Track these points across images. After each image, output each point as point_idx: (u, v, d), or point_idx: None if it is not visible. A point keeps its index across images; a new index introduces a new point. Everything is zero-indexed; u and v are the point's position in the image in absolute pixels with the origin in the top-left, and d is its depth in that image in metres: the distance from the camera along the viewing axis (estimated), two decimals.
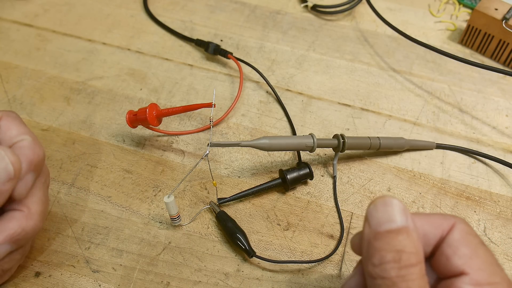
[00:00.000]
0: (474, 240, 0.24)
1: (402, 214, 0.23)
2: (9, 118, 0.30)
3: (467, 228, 0.24)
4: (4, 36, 0.55)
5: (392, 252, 0.22)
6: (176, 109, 0.43)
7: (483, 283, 0.22)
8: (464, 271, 0.23)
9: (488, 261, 0.23)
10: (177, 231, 0.40)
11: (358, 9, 0.60)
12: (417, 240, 0.23)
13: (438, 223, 0.25)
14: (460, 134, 0.48)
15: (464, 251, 0.23)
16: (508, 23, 0.51)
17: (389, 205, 0.24)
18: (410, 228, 0.23)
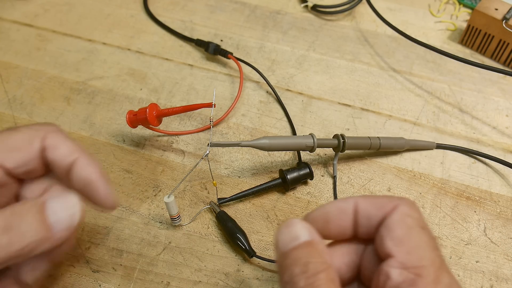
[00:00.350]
0: (411, 222, 0.24)
1: (305, 231, 0.24)
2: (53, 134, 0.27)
3: (409, 210, 0.24)
4: (4, 36, 0.55)
5: (299, 266, 0.23)
6: (176, 109, 0.43)
7: (409, 266, 0.22)
8: (392, 253, 0.23)
9: (419, 245, 0.23)
10: (177, 231, 0.40)
11: (358, 9, 0.60)
12: (323, 249, 0.24)
13: (381, 205, 0.25)
14: (460, 134, 0.48)
15: (397, 233, 0.23)
16: (508, 23, 0.51)
17: (291, 225, 0.24)
18: (314, 241, 0.24)
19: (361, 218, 0.25)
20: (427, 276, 0.22)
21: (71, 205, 0.25)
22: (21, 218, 0.23)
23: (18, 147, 0.25)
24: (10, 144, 0.25)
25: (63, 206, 0.24)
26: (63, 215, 0.24)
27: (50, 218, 0.23)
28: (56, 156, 0.26)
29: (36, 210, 0.23)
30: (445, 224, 0.41)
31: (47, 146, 0.26)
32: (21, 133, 0.26)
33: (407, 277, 0.22)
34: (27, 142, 0.26)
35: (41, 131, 0.26)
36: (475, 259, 0.39)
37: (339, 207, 0.25)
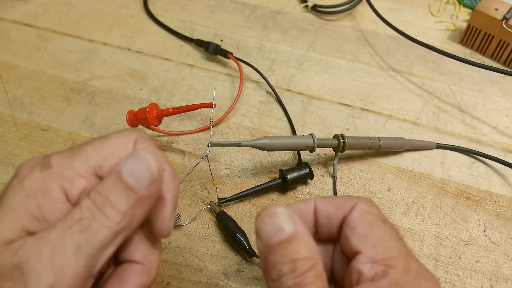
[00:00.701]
0: (372, 218, 0.24)
1: (289, 221, 0.23)
2: (144, 140, 0.25)
3: (367, 207, 0.24)
4: (4, 36, 0.55)
5: (287, 264, 0.22)
6: (176, 109, 0.43)
7: (378, 259, 0.22)
8: (359, 250, 0.23)
9: (384, 238, 0.23)
10: (177, 231, 0.40)
11: (358, 9, 0.60)
12: (309, 240, 0.23)
13: (340, 204, 0.25)
14: (460, 134, 0.48)
15: (360, 230, 0.24)
16: (508, 23, 0.51)
17: (274, 215, 0.23)
18: (299, 232, 0.23)
19: (321, 219, 0.25)
20: (397, 266, 0.22)
21: (142, 158, 0.23)
22: (107, 194, 0.22)
23: (113, 152, 0.24)
24: (104, 151, 0.24)
25: (135, 163, 0.23)
26: (140, 171, 0.23)
27: (129, 181, 0.22)
28: None
29: (114, 179, 0.22)
30: (445, 224, 0.41)
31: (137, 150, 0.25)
32: (114, 139, 0.24)
33: (378, 269, 0.22)
34: (122, 147, 0.24)
35: (133, 135, 0.25)
36: (475, 259, 0.39)
37: (299, 209, 0.25)
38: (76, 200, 0.23)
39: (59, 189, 0.22)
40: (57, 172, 0.22)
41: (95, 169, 0.23)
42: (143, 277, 0.25)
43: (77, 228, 0.21)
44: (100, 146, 0.24)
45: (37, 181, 0.22)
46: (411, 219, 0.41)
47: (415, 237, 0.40)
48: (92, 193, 0.22)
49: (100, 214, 0.22)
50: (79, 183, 0.23)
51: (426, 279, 0.23)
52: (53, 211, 0.22)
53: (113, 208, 0.22)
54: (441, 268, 0.39)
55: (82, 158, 0.23)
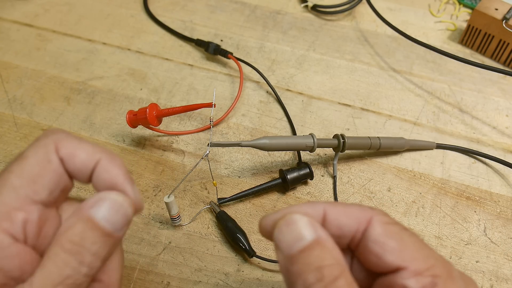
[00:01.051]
0: (396, 229, 0.23)
1: (309, 228, 0.22)
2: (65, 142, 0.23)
3: (386, 218, 0.23)
4: (4, 36, 0.55)
5: (313, 272, 0.20)
6: (176, 109, 0.43)
7: (423, 270, 0.21)
8: (400, 266, 0.22)
9: (417, 247, 0.22)
10: (177, 231, 0.40)
11: (358, 9, 0.60)
12: (334, 247, 0.22)
13: (354, 215, 0.23)
14: (460, 134, 0.48)
15: (392, 244, 0.22)
16: (508, 23, 0.51)
17: (292, 223, 0.22)
18: (322, 238, 0.22)
19: (331, 228, 0.23)
20: (442, 274, 0.21)
21: (118, 204, 0.23)
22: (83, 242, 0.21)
23: (37, 173, 0.22)
24: (27, 174, 0.22)
25: (111, 210, 0.22)
26: (116, 217, 0.22)
27: (107, 227, 0.22)
28: (76, 165, 0.23)
29: (90, 227, 0.22)
30: (445, 224, 0.41)
31: (63, 157, 0.23)
32: (31, 157, 0.22)
33: (425, 281, 0.21)
34: (45, 163, 0.22)
35: (49, 144, 0.23)
36: (475, 259, 0.39)
37: (305, 213, 0.23)
38: (22, 234, 0.22)
39: (0, 233, 0.21)
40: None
41: (29, 197, 0.22)
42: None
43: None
44: (21, 171, 0.22)
45: None
46: (411, 219, 0.41)
47: None
48: (65, 242, 0.21)
49: (82, 267, 0.21)
50: (18, 217, 0.21)
51: (468, 284, 0.22)
52: (2, 257, 0.21)
53: (93, 257, 0.21)
54: None
55: (10, 190, 0.22)
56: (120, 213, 0.22)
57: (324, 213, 0.23)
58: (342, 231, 0.23)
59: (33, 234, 0.22)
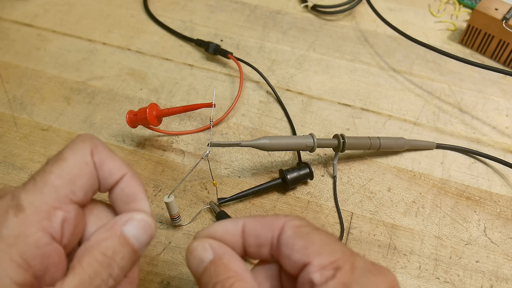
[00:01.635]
0: (305, 230, 0.24)
1: (206, 251, 0.24)
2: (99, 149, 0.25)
3: (298, 222, 0.25)
4: (4, 36, 0.55)
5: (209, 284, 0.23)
6: (176, 109, 0.43)
7: (326, 264, 0.22)
8: (305, 262, 0.23)
9: (324, 242, 0.23)
10: (177, 231, 0.40)
11: (358, 9, 0.60)
12: (229, 262, 0.24)
13: (269, 224, 0.25)
14: (460, 134, 0.48)
15: (299, 243, 0.23)
16: (508, 23, 0.51)
17: (193, 250, 0.25)
18: (217, 257, 0.24)
19: (249, 238, 0.25)
20: (344, 266, 0.22)
21: (147, 225, 0.25)
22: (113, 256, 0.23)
23: (76, 174, 0.23)
24: (67, 175, 0.23)
25: (140, 229, 0.25)
26: (143, 237, 0.25)
27: (136, 245, 0.24)
28: (105, 173, 0.25)
29: (121, 243, 0.24)
30: (445, 224, 0.41)
31: (96, 162, 0.24)
32: (70, 158, 0.24)
33: (328, 274, 0.22)
34: (83, 165, 0.24)
35: (86, 147, 0.24)
36: (475, 259, 0.39)
37: (226, 229, 0.25)
38: (60, 233, 0.23)
39: (40, 231, 0.22)
40: (32, 214, 0.22)
41: (68, 197, 0.23)
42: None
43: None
44: (61, 171, 0.23)
45: (15, 227, 0.21)
46: (411, 219, 0.41)
47: (415, 237, 0.40)
48: (98, 254, 0.23)
49: (110, 279, 0.23)
50: (57, 216, 0.23)
51: (374, 274, 0.23)
52: (36, 255, 0.22)
53: (120, 270, 0.24)
54: (441, 268, 0.39)
55: (51, 189, 0.23)
56: (148, 233, 0.25)
57: (242, 226, 0.25)
58: (260, 240, 0.25)
59: (69, 234, 0.23)
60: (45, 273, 0.22)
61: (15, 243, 0.21)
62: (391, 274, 0.23)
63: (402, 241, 0.40)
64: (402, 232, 0.41)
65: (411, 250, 0.40)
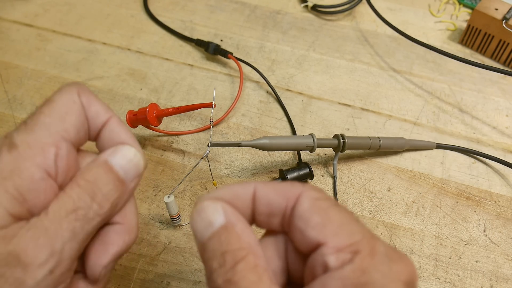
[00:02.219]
0: (324, 204, 0.22)
1: (217, 214, 0.22)
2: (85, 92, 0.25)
3: (316, 194, 0.22)
4: (4, 36, 0.55)
5: (217, 258, 0.21)
6: (176, 109, 0.43)
7: (343, 247, 0.20)
8: (320, 242, 0.20)
9: (344, 222, 0.21)
10: (177, 231, 0.40)
11: (358, 9, 0.60)
12: (243, 231, 0.21)
13: (284, 192, 0.22)
14: (460, 134, 0.48)
15: (316, 219, 0.21)
16: (508, 23, 0.51)
17: (202, 210, 0.22)
18: (230, 223, 0.21)
19: (260, 205, 0.23)
20: (363, 250, 0.20)
21: (132, 155, 0.25)
22: (97, 183, 0.23)
23: (65, 111, 0.24)
24: (56, 113, 0.24)
25: (125, 158, 0.24)
26: (129, 166, 0.24)
27: (120, 173, 0.24)
28: (92, 113, 0.25)
29: (105, 170, 0.24)
30: (445, 224, 0.41)
31: (83, 102, 0.25)
32: (59, 100, 0.24)
33: (345, 257, 0.20)
34: (71, 103, 0.24)
35: (73, 89, 0.25)
36: (475, 259, 0.39)
37: (235, 193, 0.23)
38: (54, 169, 0.23)
39: (34, 166, 0.22)
40: (25, 150, 0.22)
41: (60, 134, 0.23)
42: (125, 236, 0.25)
43: (73, 217, 0.22)
44: (50, 110, 0.24)
45: (9, 162, 0.22)
46: (411, 219, 0.41)
47: (415, 237, 0.40)
48: (81, 180, 0.23)
49: (94, 203, 0.23)
50: (50, 152, 0.23)
51: (395, 261, 0.20)
52: (30, 189, 0.22)
53: (104, 197, 0.23)
54: (441, 268, 0.39)
55: (43, 127, 0.23)
56: (133, 163, 0.25)
57: (254, 191, 0.23)
58: (272, 208, 0.23)
59: (62, 171, 0.23)
60: (40, 210, 0.22)
61: (10, 177, 0.21)
62: (412, 263, 0.21)
63: (402, 241, 0.40)
64: (402, 232, 0.41)
65: (411, 250, 0.40)
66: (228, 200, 0.22)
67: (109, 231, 0.25)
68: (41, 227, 0.21)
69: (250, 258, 0.20)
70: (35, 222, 0.22)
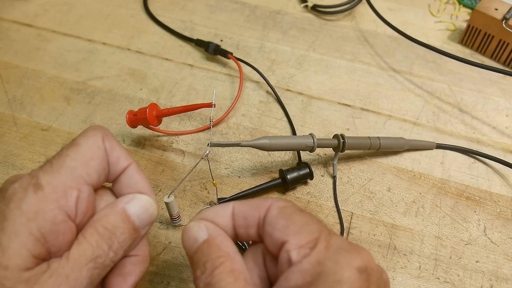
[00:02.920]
0: (289, 210, 0.25)
1: (201, 231, 0.25)
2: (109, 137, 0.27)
3: (283, 203, 0.26)
4: (4, 36, 0.55)
5: (199, 267, 0.24)
6: (176, 109, 0.43)
7: (303, 243, 0.23)
8: (284, 240, 0.24)
9: (305, 223, 0.24)
10: (177, 231, 0.40)
11: (358, 9, 0.60)
12: (222, 242, 0.25)
13: (256, 205, 0.26)
14: (460, 134, 0.48)
15: (281, 223, 0.24)
16: (508, 23, 0.51)
17: (189, 229, 0.26)
18: (211, 237, 0.25)
19: (238, 220, 0.26)
20: (319, 244, 0.23)
21: (148, 205, 0.27)
22: (115, 231, 0.25)
23: (90, 156, 0.26)
24: (81, 157, 0.25)
25: (142, 208, 0.27)
26: (145, 216, 0.27)
27: (136, 222, 0.26)
28: (113, 159, 0.27)
29: (123, 220, 0.26)
30: (445, 224, 0.41)
31: (106, 148, 0.27)
32: (84, 144, 0.26)
33: (305, 252, 0.23)
34: (95, 148, 0.26)
35: (98, 134, 0.26)
36: (475, 259, 0.39)
37: (217, 212, 0.27)
38: (74, 211, 0.24)
39: (57, 208, 0.23)
40: (50, 192, 0.24)
41: (83, 178, 0.25)
42: (141, 266, 0.28)
43: (92, 265, 0.24)
44: (76, 154, 0.25)
45: (35, 203, 0.23)
46: (411, 219, 0.41)
47: (415, 237, 0.40)
48: (100, 227, 0.25)
49: (110, 251, 0.25)
50: (73, 195, 0.24)
51: (350, 252, 0.23)
52: (52, 231, 0.23)
53: (120, 245, 0.25)
54: (441, 268, 0.39)
55: (67, 170, 0.24)
56: (148, 212, 0.27)
57: (232, 209, 0.27)
58: (247, 221, 0.26)
59: (81, 212, 0.25)
60: (59, 249, 0.24)
61: (35, 218, 0.23)
62: (367, 252, 0.24)
63: (402, 241, 0.40)
64: (402, 232, 0.41)
65: (411, 250, 0.40)
66: (211, 219, 0.26)
67: (126, 263, 0.27)
68: (62, 274, 0.23)
69: (227, 264, 0.24)
70: (57, 268, 0.23)
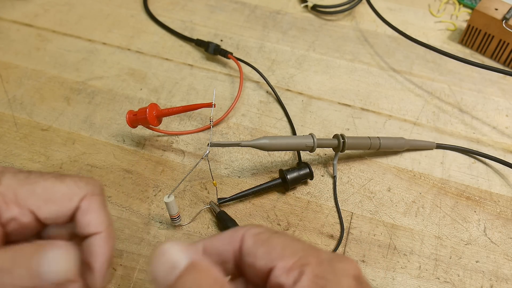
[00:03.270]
0: (265, 236, 0.23)
1: (181, 253, 0.21)
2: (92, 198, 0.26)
3: (256, 230, 0.24)
4: (4, 36, 0.55)
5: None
6: (176, 109, 0.43)
7: (290, 265, 0.22)
8: (270, 267, 0.22)
9: (285, 245, 0.23)
10: (177, 231, 0.40)
11: (358, 9, 0.60)
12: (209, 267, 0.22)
13: (227, 239, 0.24)
14: (460, 134, 0.48)
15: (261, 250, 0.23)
16: (508, 23, 0.51)
17: (164, 252, 0.21)
18: (196, 260, 0.21)
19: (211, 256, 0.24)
20: (311, 261, 0.22)
21: (66, 262, 0.23)
22: (16, 264, 0.22)
23: (56, 200, 0.25)
24: (50, 195, 0.25)
25: (58, 261, 0.23)
26: (56, 269, 0.23)
27: (42, 268, 0.22)
28: (82, 221, 0.25)
29: (30, 258, 0.23)
30: (445, 224, 0.41)
31: (80, 206, 0.25)
32: (65, 185, 0.25)
33: (295, 273, 0.22)
34: (67, 198, 0.25)
35: (83, 190, 0.26)
36: (475, 259, 0.39)
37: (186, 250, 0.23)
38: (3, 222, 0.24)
39: None
40: (1, 192, 0.24)
41: (33, 208, 0.24)
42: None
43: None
44: (51, 187, 0.25)
45: None
46: (411, 219, 0.41)
47: (415, 237, 0.40)
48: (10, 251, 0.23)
49: None
50: (13, 210, 0.24)
51: (341, 262, 0.23)
52: None
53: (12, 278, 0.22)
54: (441, 268, 0.39)
55: (30, 191, 0.24)
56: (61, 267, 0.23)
57: (203, 248, 0.24)
58: (222, 257, 0.24)
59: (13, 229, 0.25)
60: None
61: None
62: (353, 260, 0.24)
63: (402, 241, 0.40)
64: (402, 232, 0.41)
65: (411, 250, 0.40)
66: None
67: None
68: None
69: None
70: None
